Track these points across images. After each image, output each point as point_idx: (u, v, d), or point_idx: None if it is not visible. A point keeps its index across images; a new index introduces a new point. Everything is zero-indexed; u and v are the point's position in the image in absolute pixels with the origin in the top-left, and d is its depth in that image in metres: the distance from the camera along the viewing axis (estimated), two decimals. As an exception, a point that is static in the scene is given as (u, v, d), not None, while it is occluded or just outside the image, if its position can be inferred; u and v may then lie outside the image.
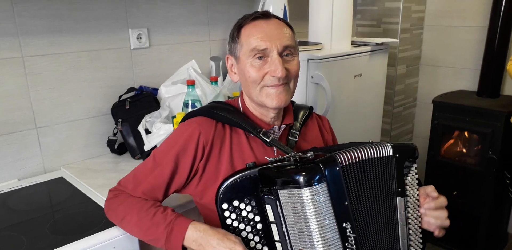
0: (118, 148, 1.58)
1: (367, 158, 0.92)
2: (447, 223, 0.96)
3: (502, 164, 2.09)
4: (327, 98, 1.57)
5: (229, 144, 1.00)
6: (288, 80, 0.97)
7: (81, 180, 1.37)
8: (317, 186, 0.85)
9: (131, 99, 1.53)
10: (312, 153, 0.93)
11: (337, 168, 0.87)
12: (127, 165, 1.50)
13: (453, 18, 2.42)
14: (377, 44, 1.84)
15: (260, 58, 0.95)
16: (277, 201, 0.90)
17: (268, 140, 0.99)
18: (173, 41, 1.70)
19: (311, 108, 1.15)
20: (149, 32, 1.61)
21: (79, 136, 1.52)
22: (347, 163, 0.89)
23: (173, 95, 1.53)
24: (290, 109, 1.09)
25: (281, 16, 1.70)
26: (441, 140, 2.32)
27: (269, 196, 0.92)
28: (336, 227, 0.87)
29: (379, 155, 0.93)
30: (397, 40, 2.16)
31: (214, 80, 1.51)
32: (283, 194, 0.89)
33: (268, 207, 0.93)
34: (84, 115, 1.52)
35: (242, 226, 0.93)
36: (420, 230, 0.99)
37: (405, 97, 2.63)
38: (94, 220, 1.12)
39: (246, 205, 0.93)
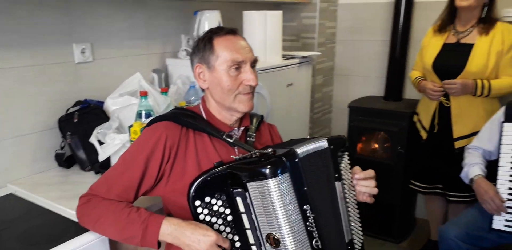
0: (65, 161, 1.59)
1: (314, 150, 1.08)
2: (375, 191, 1.14)
3: (409, 158, 2.44)
4: (267, 105, 1.75)
5: (194, 146, 1.11)
6: (254, 89, 1.13)
7: (35, 194, 1.36)
8: (281, 176, 1.00)
9: (79, 112, 1.56)
10: (271, 149, 1.08)
11: (296, 160, 1.03)
12: (78, 177, 1.52)
13: (361, 33, 2.77)
14: (303, 57, 2.08)
15: (237, 69, 1.08)
16: (247, 193, 1.03)
17: (231, 141, 1.12)
18: (116, 55, 1.76)
19: (262, 116, 1.31)
20: (93, 46, 1.66)
21: (26, 151, 1.50)
22: (303, 155, 1.05)
23: (121, 107, 1.58)
24: (247, 114, 1.24)
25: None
26: (356, 139, 2.63)
27: (238, 189, 1.04)
28: (298, 210, 1.02)
29: (320, 148, 1.10)
30: (319, 53, 2.43)
31: (164, 91, 1.61)
32: (251, 186, 1.02)
33: (238, 199, 1.04)
34: (31, 130, 1.51)
35: (214, 219, 1.03)
36: (356, 206, 1.18)
37: (323, 104, 2.93)
38: (61, 229, 1.16)
39: (217, 200, 1.04)
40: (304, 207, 1.03)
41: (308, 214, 1.03)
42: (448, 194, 2.19)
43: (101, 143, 1.47)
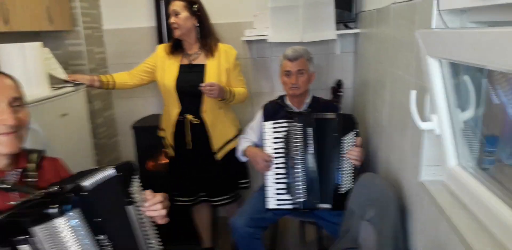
0: None
1: (103, 180, 1.13)
2: (163, 212, 1.23)
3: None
4: (42, 139, 1.67)
5: None
6: (19, 128, 1.08)
7: None
8: (71, 213, 1.01)
9: None
10: (57, 186, 1.07)
11: (85, 193, 1.06)
12: None
13: (131, 56, 2.86)
14: (65, 81, 2.07)
15: None
16: (34, 239, 0.99)
17: (9, 186, 1.06)
18: None
19: (43, 151, 1.26)
20: None
21: None
22: (91, 187, 1.09)
23: None
24: (21, 154, 1.18)
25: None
26: (146, 157, 2.72)
27: (24, 237, 1.00)
28: (95, 241, 1.05)
29: (109, 176, 1.14)
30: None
31: None
32: (40, 229, 0.99)
33: (25, 247, 1.00)
34: None
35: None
36: (154, 224, 1.28)
37: (108, 129, 2.91)
38: None
39: (2, 253, 0.98)
40: (102, 237, 1.07)
41: (107, 243, 1.08)
42: (212, 201, 2.37)
43: None
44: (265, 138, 2.05)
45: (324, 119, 1.98)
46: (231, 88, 2.19)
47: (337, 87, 2.68)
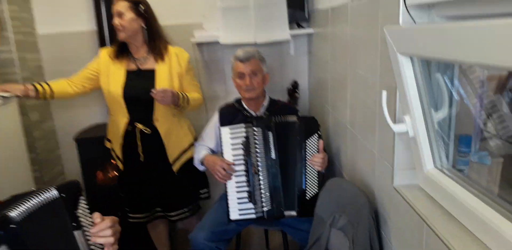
0: None
1: (40, 205, 0.96)
2: (111, 240, 1.07)
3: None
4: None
5: None
6: None
7: None
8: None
9: None
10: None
11: (13, 226, 0.88)
12: None
13: (71, 63, 2.61)
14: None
15: None
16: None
17: None
18: None
19: None
20: None
21: None
22: (21, 217, 0.91)
23: None
24: None
25: None
26: (94, 172, 2.51)
27: None
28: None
29: (48, 200, 0.99)
30: None
31: None
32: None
33: None
34: None
35: None
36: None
37: (47, 142, 2.66)
38: None
39: None
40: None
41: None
42: (169, 215, 2.19)
43: None
44: (223, 144, 1.93)
45: (286, 123, 1.90)
46: (184, 93, 2.05)
47: (293, 88, 2.61)
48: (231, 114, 2.05)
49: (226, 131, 1.94)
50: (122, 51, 2.06)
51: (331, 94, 2.05)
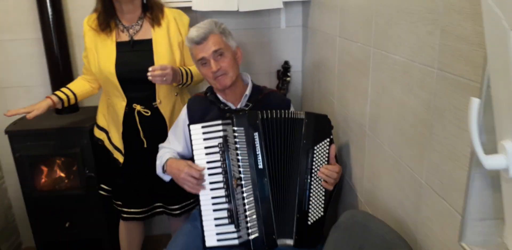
0: None
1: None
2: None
3: (101, 179, 2.00)
4: None
5: None
6: None
7: None
8: None
9: None
10: None
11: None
12: None
13: (4, 31, 2.08)
14: None
15: None
16: None
17: None
18: None
19: None
20: None
21: None
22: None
23: None
24: None
25: None
26: (32, 172, 2.00)
27: None
28: None
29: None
30: None
31: None
32: None
33: None
34: None
35: None
36: None
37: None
38: None
39: None
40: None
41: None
42: (171, 209, 1.91)
43: None
44: (193, 147, 1.45)
45: (284, 120, 1.40)
46: (187, 67, 1.72)
47: (284, 70, 2.12)
48: (203, 108, 1.55)
49: (196, 129, 1.45)
50: (107, 18, 1.66)
51: (339, 82, 1.56)
